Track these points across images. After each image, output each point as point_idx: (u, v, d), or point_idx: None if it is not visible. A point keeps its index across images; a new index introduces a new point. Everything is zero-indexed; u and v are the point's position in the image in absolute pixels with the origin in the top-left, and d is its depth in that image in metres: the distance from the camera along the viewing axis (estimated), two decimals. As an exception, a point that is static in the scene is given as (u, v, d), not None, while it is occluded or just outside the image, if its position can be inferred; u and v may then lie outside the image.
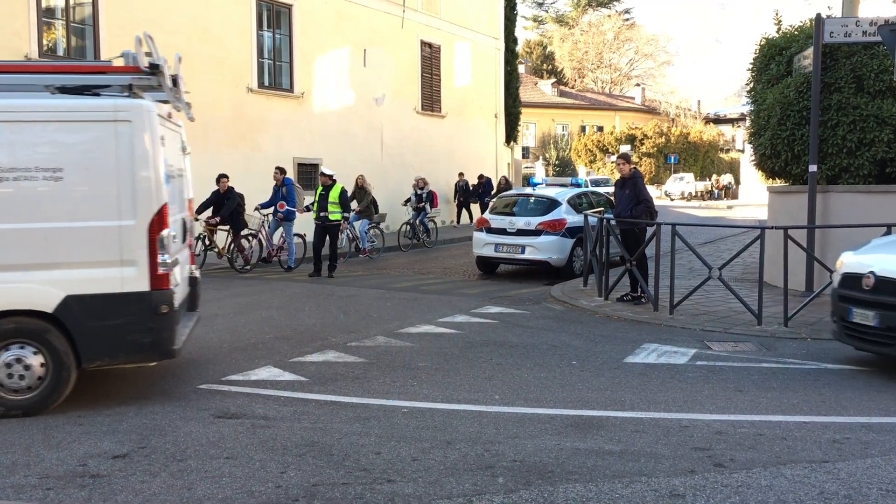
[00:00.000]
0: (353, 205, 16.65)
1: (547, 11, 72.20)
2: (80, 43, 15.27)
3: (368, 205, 17.22)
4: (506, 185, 24.07)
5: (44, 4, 14.51)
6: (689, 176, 47.20)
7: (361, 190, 17.37)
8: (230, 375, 6.92)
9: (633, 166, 11.17)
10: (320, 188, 14.33)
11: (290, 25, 19.77)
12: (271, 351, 7.91)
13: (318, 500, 4.15)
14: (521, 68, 45.06)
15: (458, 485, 4.36)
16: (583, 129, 56.96)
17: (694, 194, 45.29)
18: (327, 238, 14.20)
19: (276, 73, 19.66)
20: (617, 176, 11.87)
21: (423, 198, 19.95)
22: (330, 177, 14.29)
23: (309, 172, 19.96)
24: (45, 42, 14.57)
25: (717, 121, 57.41)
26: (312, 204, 14.60)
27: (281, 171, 15.27)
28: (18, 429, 5.39)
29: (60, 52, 14.91)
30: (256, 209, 15.09)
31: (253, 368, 7.15)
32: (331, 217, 14.08)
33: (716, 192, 47.65)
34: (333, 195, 14.08)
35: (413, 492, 4.25)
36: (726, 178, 49.67)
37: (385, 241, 17.79)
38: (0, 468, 4.62)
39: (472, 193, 24.99)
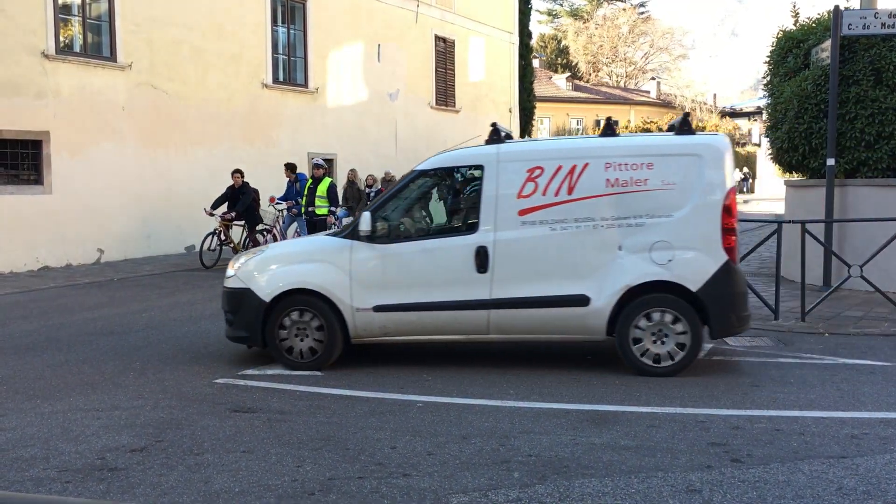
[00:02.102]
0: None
1: (561, 5, 71.82)
2: (97, 40, 15.36)
3: (361, 200, 15.72)
4: (350, 186, 17.26)
5: (60, 1, 14.60)
6: None
7: (352, 185, 16.24)
8: (246, 370, 6.96)
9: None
10: (309, 181, 14.15)
11: (305, 21, 19.81)
12: (287, 345, 7.92)
13: (334, 493, 4.16)
14: (536, 62, 44.86)
15: (473, 479, 4.36)
16: (597, 123, 56.66)
17: None
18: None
19: (290, 69, 19.70)
20: None
21: (371, 196, 15.94)
22: (324, 169, 14.09)
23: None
24: (61, 39, 14.66)
25: (734, 114, 56.92)
26: (302, 198, 14.39)
27: (292, 167, 15.34)
28: (37, 422, 5.44)
29: (77, 49, 15.00)
30: (276, 202, 15.21)
31: (269, 363, 7.18)
32: (318, 212, 13.84)
33: None
34: (322, 189, 13.84)
35: (429, 486, 4.26)
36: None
37: None
38: (19, 461, 4.66)
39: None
